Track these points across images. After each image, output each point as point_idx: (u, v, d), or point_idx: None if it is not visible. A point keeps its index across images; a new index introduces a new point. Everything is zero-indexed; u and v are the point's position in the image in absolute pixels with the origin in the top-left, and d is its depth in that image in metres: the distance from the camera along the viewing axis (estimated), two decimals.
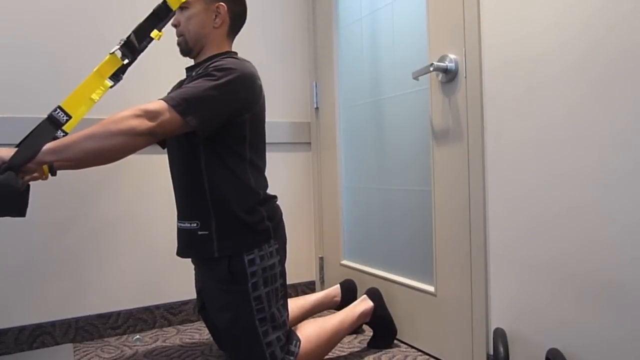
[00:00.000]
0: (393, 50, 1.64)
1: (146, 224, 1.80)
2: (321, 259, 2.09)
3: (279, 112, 2.07)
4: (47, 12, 1.64)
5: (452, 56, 1.35)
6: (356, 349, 1.55)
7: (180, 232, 1.34)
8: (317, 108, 2.09)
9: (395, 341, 1.61)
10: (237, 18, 1.39)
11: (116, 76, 1.25)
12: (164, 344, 1.64)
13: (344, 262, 1.93)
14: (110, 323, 1.73)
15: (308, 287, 2.11)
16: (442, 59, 1.38)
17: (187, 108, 1.14)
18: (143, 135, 1.10)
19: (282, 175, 2.07)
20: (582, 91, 1.04)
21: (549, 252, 1.12)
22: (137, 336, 1.71)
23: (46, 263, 1.64)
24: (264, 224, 1.30)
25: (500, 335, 1.17)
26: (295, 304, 1.61)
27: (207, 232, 1.26)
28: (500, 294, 1.25)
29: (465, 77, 1.32)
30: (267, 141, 2.01)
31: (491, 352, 1.26)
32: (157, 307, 1.81)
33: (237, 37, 1.44)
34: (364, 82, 1.80)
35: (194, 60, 1.38)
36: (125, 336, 1.73)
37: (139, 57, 1.29)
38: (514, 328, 1.21)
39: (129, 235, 1.77)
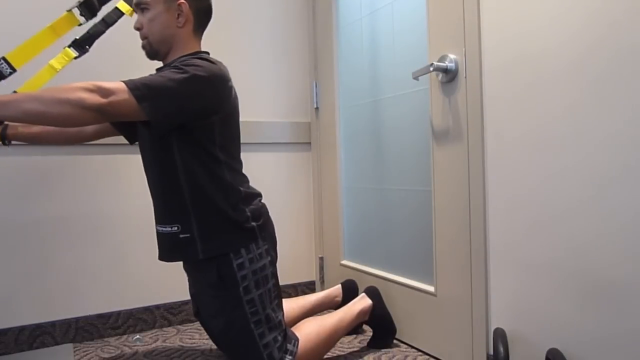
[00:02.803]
0: (393, 50, 1.64)
1: (146, 224, 1.79)
2: (321, 259, 2.09)
3: (279, 112, 2.07)
4: None
5: (452, 56, 1.35)
6: (356, 349, 1.55)
7: (161, 236, 1.31)
8: (317, 108, 2.09)
9: (395, 341, 1.61)
10: (202, 14, 1.33)
11: (81, 47, 1.20)
12: (164, 344, 1.64)
13: (344, 262, 1.93)
14: (110, 323, 1.73)
15: (308, 287, 2.11)
16: (442, 59, 1.38)
17: (146, 95, 1.10)
18: (91, 110, 1.05)
19: (282, 175, 2.07)
20: (583, 91, 1.04)
21: (549, 252, 1.12)
22: (137, 336, 1.71)
23: (46, 263, 1.64)
24: (248, 223, 1.27)
25: (500, 335, 1.17)
26: (296, 304, 1.61)
27: (189, 235, 1.24)
28: (500, 294, 1.25)
29: (465, 77, 1.32)
30: (267, 141, 2.03)
31: (491, 352, 1.26)
32: (157, 307, 1.81)
33: (237, 37, 1.44)
34: (364, 82, 1.80)
35: (162, 62, 1.34)
36: (125, 336, 1.73)
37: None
38: (514, 328, 1.21)
39: (129, 235, 1.77)
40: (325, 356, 1.49)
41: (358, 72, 1.83)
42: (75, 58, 1.20)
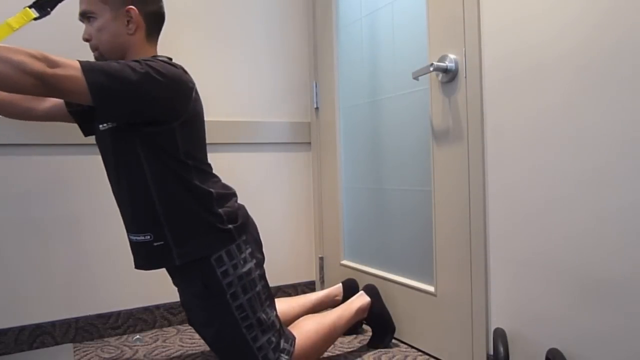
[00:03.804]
0: (393, 50, 1.64)
1: None
2: (321, 259, 2.09)
3: (279, 112, 2.07)
4: None
5: (452, 56, 1.35)
6: (356, 349, 1.55)
7: (134, 245, 1.27)
8: (317, 108, 2.09)
9: (395, 341, 1.61)
10: (154, 19, 1.27)
11: (43, 8, 1.14)
12: (164, 344, 1.64)
13: (344, 262, 1.93)
14: (110, 323, 1.73)
15: (308, 287, 2.11)
16: (442, 59, 1.38)
17: (98, 78, 1.04)
18: (31, 76, 0.99)
19: (282, 175, 2.07)
20: (584, 90, 1.04)
21: (549, 252, 1.12)
22: (137, 336, 1.71)
23: (46, 263, 1.64)
24: (224, 225, 1.24)
25: (500, 335, 1.17)
26: (297, 302, 1.60)
27: (162, 242, 1.21)
28: (500, 294, 1.25)
29: (465, 77, 1.32)
30: (267, 141, 2.04)
31: (491, 352, 1.26)
32: (157, 307, 1.81)
33: (237, 37, 1.43)
34: (364, 82, 1.80)
35: None
36: (125, 336, 1.73)
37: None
38: (514, 328, 1.21)
39: None
40: (325, 356, 1.49)
41: (358, 72, 1.83)
42: (35, 19, 1.13)
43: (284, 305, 1.56)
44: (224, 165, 1.94)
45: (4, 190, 1.59)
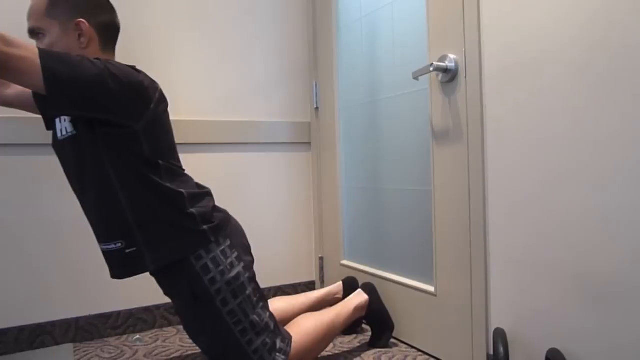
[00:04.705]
0: (393, 50, 1.64)
1: None
2: (321, 259, 2.09)
3: (279, 112, 2.07)
4: None
5: (452, 56, 1.35)
6: (356, 349, 1.55)
7: (107, 254, 1.23)
8: (317, 108, 2.09)
9: (395, 341, 1.61)
10: (107, 29, 1.23)
11: None
12: (164, 344, 1.64)
13: (344, 262, 1.93)
14: (110, 323, 1.73)
15: (308, 287, 2.11)
16: (442, 59, 1.38)
17: (54, 65, 1.01)
18: None
19: (282, 175, 2.07)
20: (584, 91, 1.04)
21: (549, 252, 1.12)
22: (137, 336, 1.71)
23: (46, 263, 1.64)
24: (198, 226, 1.21)
25: (500, 335, 1.17)
26: (297, 301, 1.61)
27: (135, 249, 1.19)
28: (500, 294, 1.25)
29: (465, 77, 1.32)
30: (267, 141, 2.04)
31: (491, 352, 1.26)
32: (157, 307, 1.81)
33: (237, 37, 1.43)
34: (364, 82, 1.80)
35: None
36: (125, 336, 1.73)
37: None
38: (514, 328, 1.21)
39: None
40: (325, 356, 1.49)
41: (358, 72, 1.83)
42: None
43: (284, 304, 1.56)
44: (224, 165, 1.94)
45: (4, 190, 1.59)
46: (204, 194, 1.29)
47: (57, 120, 1.21)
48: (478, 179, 1.29)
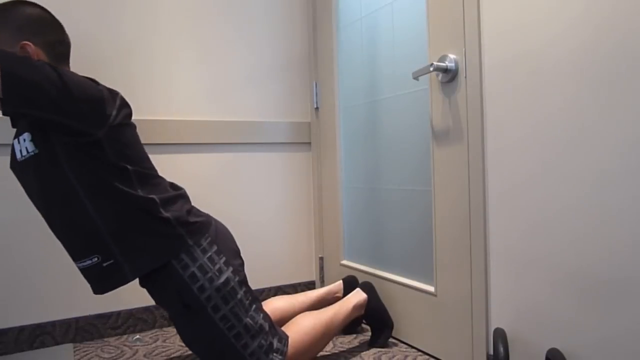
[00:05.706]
0: (393, 50, 1.64)
1: None
2: (321, 259, 2.09)
3: (279, 112, 2.07)
4: None
5: (452, 56, 1.36)
6: (356, 349, 1.55)
7: (84, 271, 1.20)
8: (317, 108, 2.09)
9: (395, 341, 1.61)
10: (55, 47, 1.19)
11: None
12: (164, 344, 1.64)
13: (344, 262, 1.93)
14: (110, 323, 1.73)
15: (308, 287, 2.11)
16: (442, 59, 1.38)
17: (12, 65, 0.99)
18: None
19: (282, 175, 2.07)
20: (583, 91, 1.04)
21: (549, 252, 1.12)
22: (137, 336, 1.71)
23: (46, 263, 1.64)
24: (174, 230, 1.19)
25: (500, 335, 1.17)
26: (297, 300, 1.61)
27: (112, 261, 1.17)
28: (500, 294, 1.25)
29: (465, 77, 1.32)
30: (267, 141, 2.04)
31: (491, 352, 1.26)
32: (157, 307, 1.81)
33: (236, 37, 1.42)
34: (364, 82, 1.80)
35: None
36: (125, 336, 1.73)
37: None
38: (514, 328, 1.21)
39: None
40: (325, 355, 1.49)
41: (358, 72, 1.83)
42: None
43: (284, 303, 1.56)
44: (225, 165, 1.94)
45: (4, 189, 1.59)
46: (178, 196, 1.26)
47: (16, 140, 1.17)
48: (478, 179, 1.29)
